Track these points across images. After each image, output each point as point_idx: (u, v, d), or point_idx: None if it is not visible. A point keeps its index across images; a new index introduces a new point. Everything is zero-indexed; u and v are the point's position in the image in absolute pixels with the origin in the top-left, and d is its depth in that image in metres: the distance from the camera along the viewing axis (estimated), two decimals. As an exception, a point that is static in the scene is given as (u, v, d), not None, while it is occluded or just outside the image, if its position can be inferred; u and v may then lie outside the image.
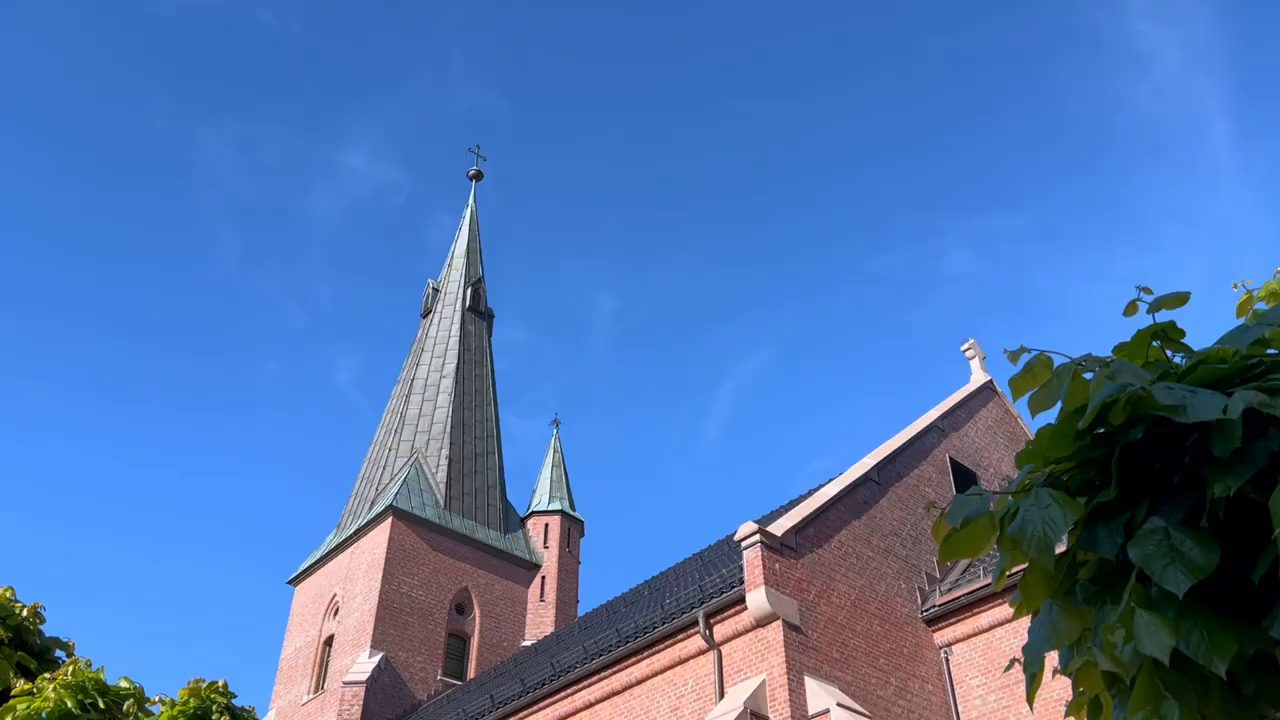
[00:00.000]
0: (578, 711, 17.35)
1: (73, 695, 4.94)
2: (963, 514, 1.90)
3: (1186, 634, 1.65)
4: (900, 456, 19.37)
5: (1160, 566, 1.68)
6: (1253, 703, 1.77)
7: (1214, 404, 1.70)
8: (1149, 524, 1.76)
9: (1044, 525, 1.82)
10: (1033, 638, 1.88)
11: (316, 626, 31.92)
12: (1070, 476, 1.96)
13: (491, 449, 36.82)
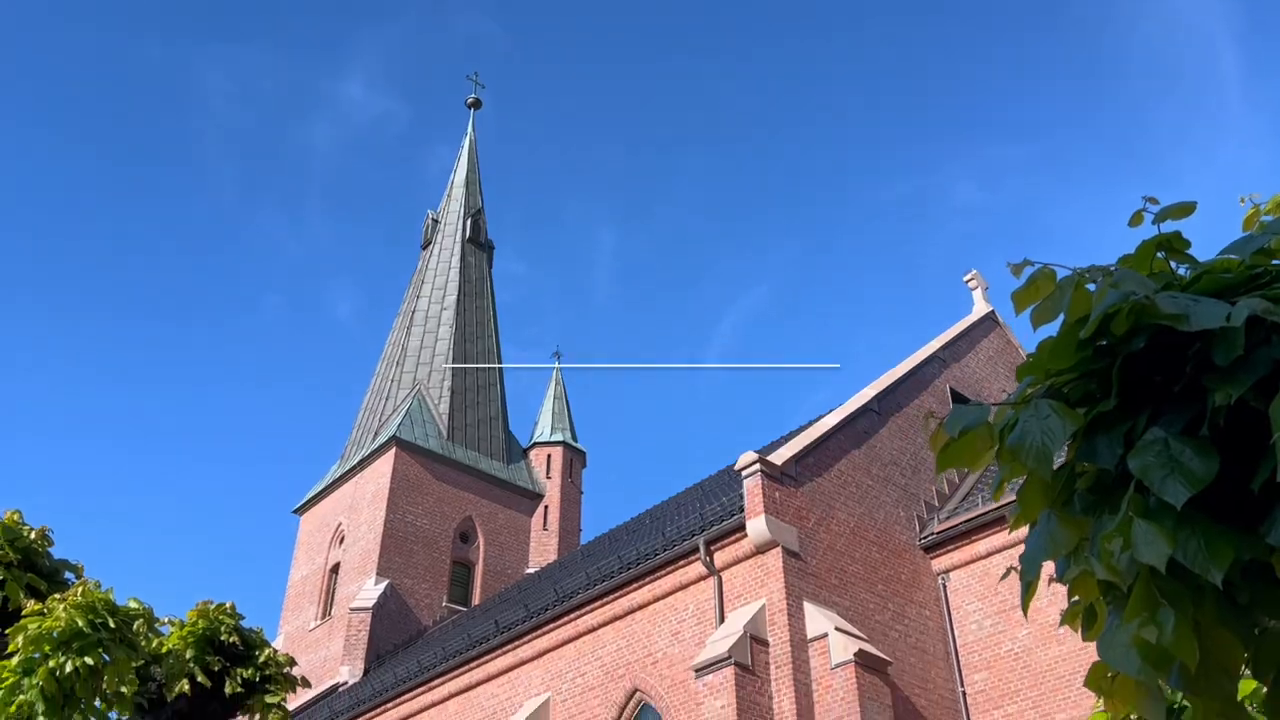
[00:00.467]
0: (581, 635, 17.67)
1: (83, 615, 5.02)
2: (961, 424, 1.90)
3: (1184, 543, 1.65)
4: (901, 387, 19.43)
5: (1159, 477, 1.68)
6: (1247, 611, 1.79)
7: (1217, 312, 1.68)
8: (1149, 434, 1.76)
9: (1043, 436, 1.82)
10: (1029, 547, 1.89)
11: (322, 554, 32.37)
12: (1070, 389, 1.95)
13: (493, 380, 36.95)
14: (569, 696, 17.32)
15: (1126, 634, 1.67)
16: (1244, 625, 1.77)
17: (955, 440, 1.90)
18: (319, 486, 34.55)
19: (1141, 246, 1.96)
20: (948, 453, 1.92)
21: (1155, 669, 1.65)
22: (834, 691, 13.80)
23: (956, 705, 15.96)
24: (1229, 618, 1.74)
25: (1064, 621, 2.12)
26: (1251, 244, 1.89)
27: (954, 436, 1.90)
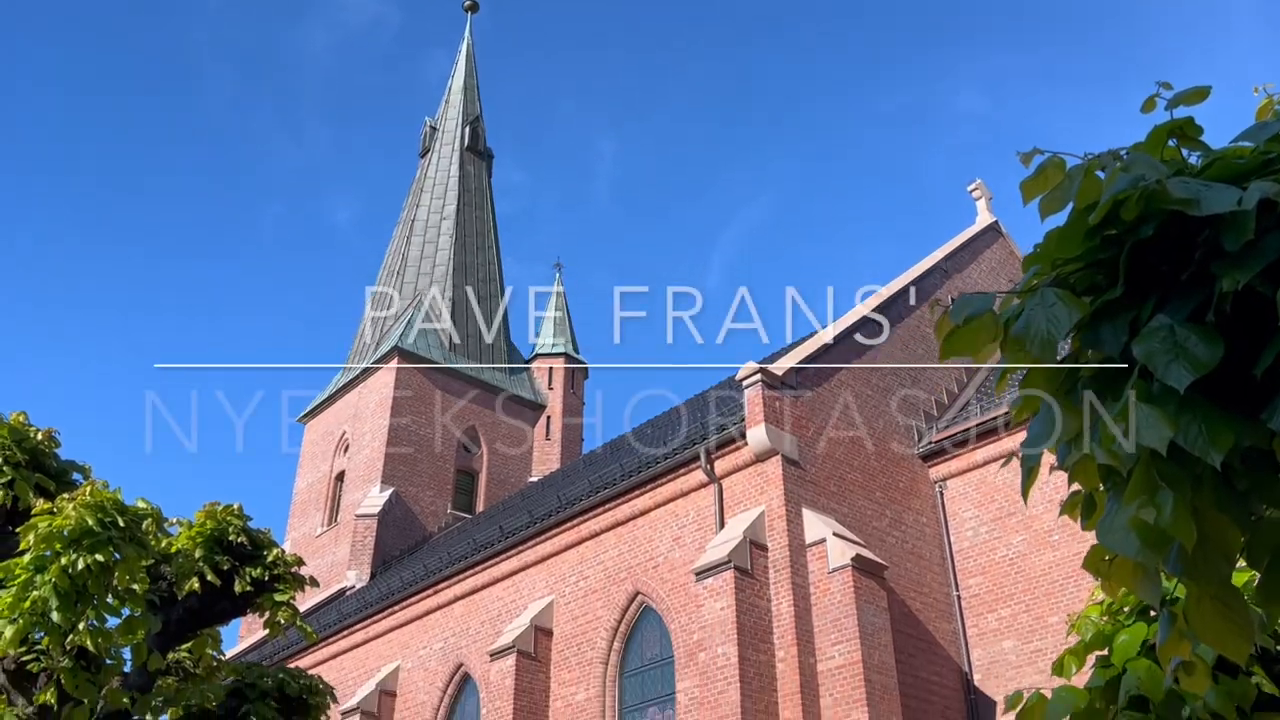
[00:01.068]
0: (583, 541, 17.98)
1: (92, 514, 5.09)
2: (966, 311, 1.89)
3: (1185, 427, 1.66)
4: (903, 297, 19.39)
5: (1163, 362, 1.68)
6: (1245, 498, 1.80)
7: (1228, 196, 1.66)
8: (1154, 321, 1.75)
9: (1048, 323, 1.81)
10: (1031, 433, 1.90)
11: (327, 462, 32.75)
12: (1077, 279, 1.94)
13: (495, 291, 36.89)
14: (572, 599, 17.69)
15: (1125, 516, 1.68)
16: (1241, 512, 1.79)
17: (960, 328, 1.89)
18: (322, 395, 34.76)
19: (1153, 132, 1.92)
20: (951, 341, 1.91)
21: (1153, 551, 1.67)
22: (831, 595, 14.09)
23: (951, 608, 16.31)
24: (1227, 503, 1.76)
25: (1063, 511, 2.14)
26: (1265, 130, 1.85)
27: (958, 324, 1.89)
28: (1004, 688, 15.09)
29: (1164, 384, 1.71)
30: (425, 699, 19.81)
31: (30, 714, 5.25)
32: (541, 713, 16.96)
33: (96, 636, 5.13)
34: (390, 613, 21.70)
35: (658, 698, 15.80)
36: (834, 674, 13.55)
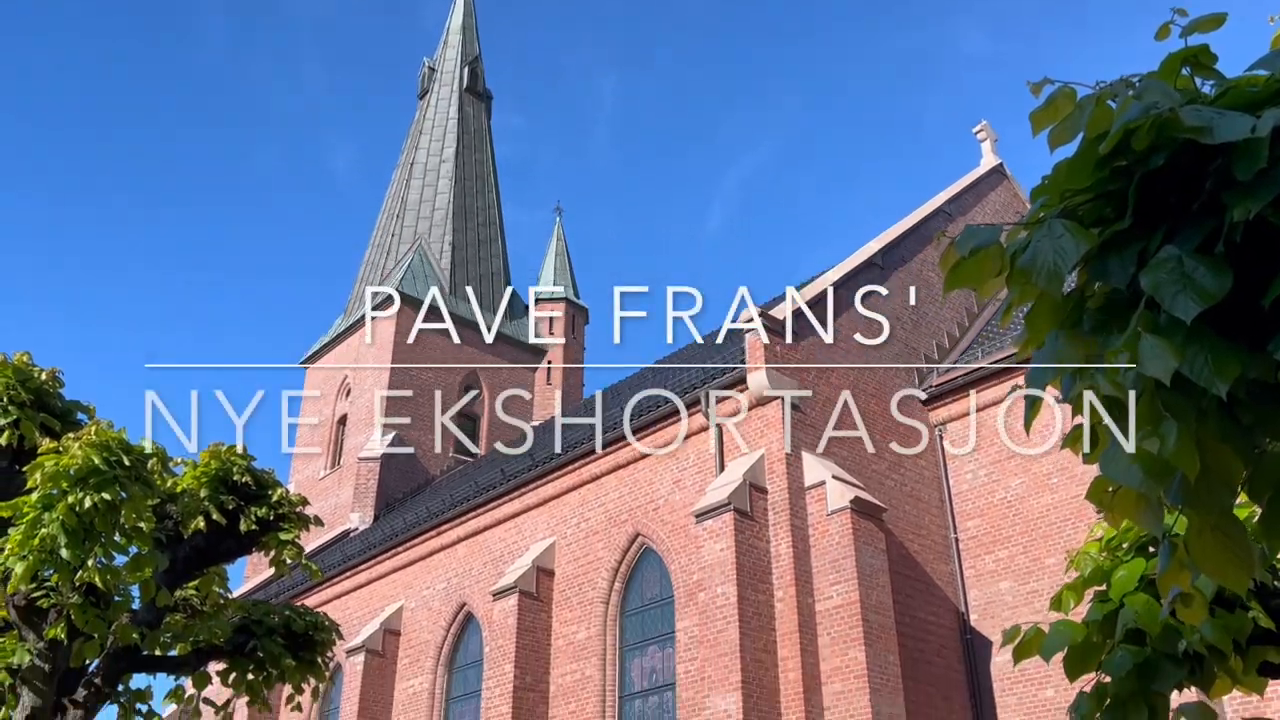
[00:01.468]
0: (585, 484, 18.10)
1: (98, 453, 5.12)
2: (972, 242, 1.88)
3: (1191, 358, 1.66)
4: (905, 241, 19.30)
5: (1171, 293, 1.67)
6: (1248, 431, 1.81)
7: (1242, 124, 1.64)
8: (1162, 252, 1.74)
9: (1055, 255, 1.80)
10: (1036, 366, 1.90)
11: (330, 406, 32.86)
12: (1085, 211, 1.92)
13: (495, 235, 36.72)
14: (573, 540, 17.87)
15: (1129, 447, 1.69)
16: (1245, 444, 1.79)
17: (965, 259, 1.88)
18: (324, 340, 34.78)
19: (1166, 61, 1.89)
20: (957, 272, 1.90)
21: (1155, 481, 1.68)
22: (830, 536, 14.22)
23: (949, 550, 16.48)
24: (1231, 435, 1.76)
25: (1065, 444, 2.15)
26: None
27: (964, 256, 1.88)
28: (1000, 627, 15.29)
29: (1171, 315, 1.70)
30: (429, 637, 20.11)
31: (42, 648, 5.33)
32: (543, 651, 17.22)
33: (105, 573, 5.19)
34: (394, 553, 21.94)
35: (658, 636, 16.03)
36: (832, 614, 13.73)
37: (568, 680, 16.74)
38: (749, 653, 13.46)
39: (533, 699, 16.73)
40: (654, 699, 15.72)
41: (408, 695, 20.01)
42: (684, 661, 15.11)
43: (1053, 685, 14.42)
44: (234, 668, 6.37)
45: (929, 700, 14.82)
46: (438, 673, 19.70)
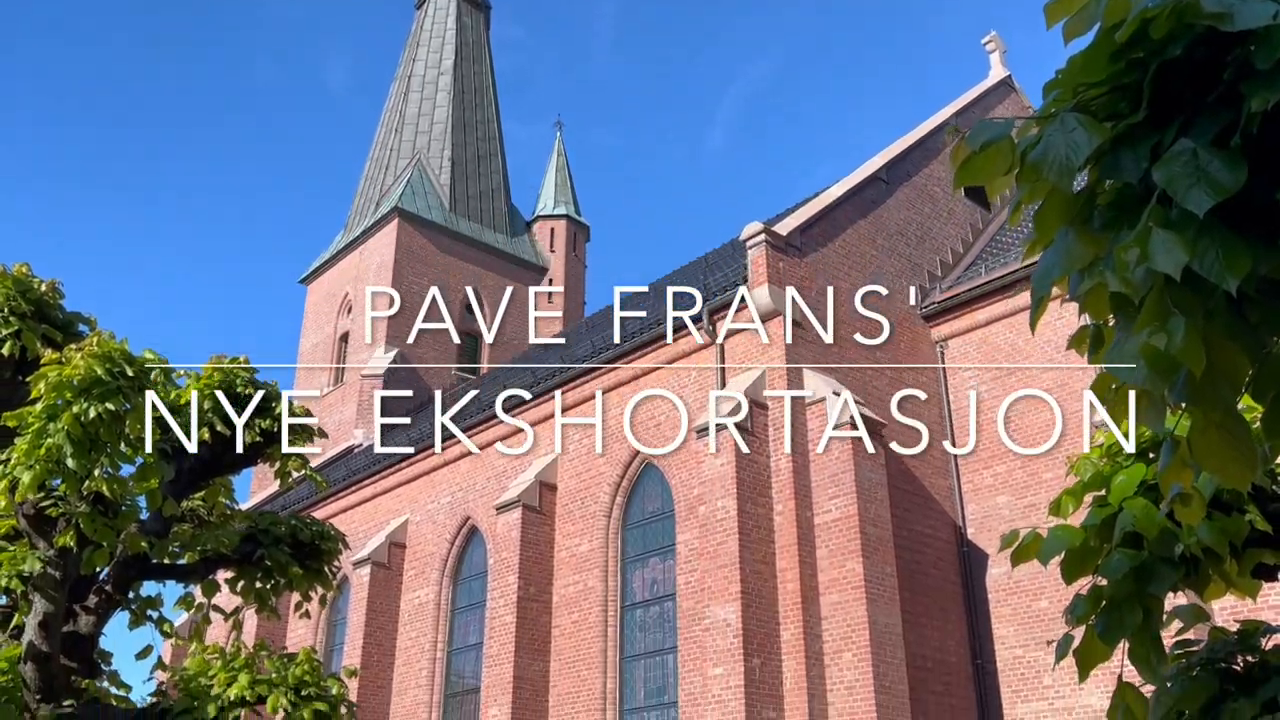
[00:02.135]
0: (586, 401, 18.20)
1: (101, 364, 5.12)
2: (983, 137, 1.84)
3: (1202, 252, 1.63)
4: (910, 155, 19.08)
5: (1184, 186, 1.64)
6: (1255, 330, 1.79)
7: (1263, 11, 1.59)
8: (1177, 145, 1.70)
9: (1067, 149, 1.76)
10: (1043, 263, 1.87)
11: (331, 324, 32.89)
12: (1099, 105, 1.88)
13: (494, 150, 36.27)
14: (575, 457, 18.04)
15: (1135, 343, 1.68)
16: (1251, 343, 1.78)
17: (976, 154, 1.84)
18: (324, 257, 34.64)
19: (1188, -53, 1.82)
20: (967, 168, 1.86)
21: (1160, 377, 1.67)
22: (830, 452, 14.34)
23: (948, 466, 16.64)
24: (1238, 333, 1.75)
25: (1070, 345, 2.14)
26: (1306, -55, 1.76)
27: (975, 150, 1.84)
28: (996, 541, 15.51)
29: (1183, 210, 1.67)
30: (434, 550, 20.45)
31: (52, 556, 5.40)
32: (547, 563, 17.52)
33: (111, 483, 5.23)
34: (398, 470, 22.17)
35: (658, 549, 16.29)
36: (830, 527, 13.92)
37: (570, 591, 17.07)
38: (748, 564, 13.68)
39: (536, 609, 17.08)
40: (655, 609, 16.04)
41: (414, 606, 20.42)
42: (684, 573, 15.38)
43: (1046, 596, 14.70)
44: (242, 576, 6.46)
45: (925, 610, 15.12)
46: (443, 584, 20.08)
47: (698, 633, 14.56)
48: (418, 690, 19.48)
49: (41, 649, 5.39)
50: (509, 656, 16.54)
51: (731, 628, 13.32)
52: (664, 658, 15.57)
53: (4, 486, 5.01)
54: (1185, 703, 2.97)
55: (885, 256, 17.61)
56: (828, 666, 13.30)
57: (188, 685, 5.71)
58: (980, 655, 15.33)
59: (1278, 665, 2.94)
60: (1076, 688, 14.04)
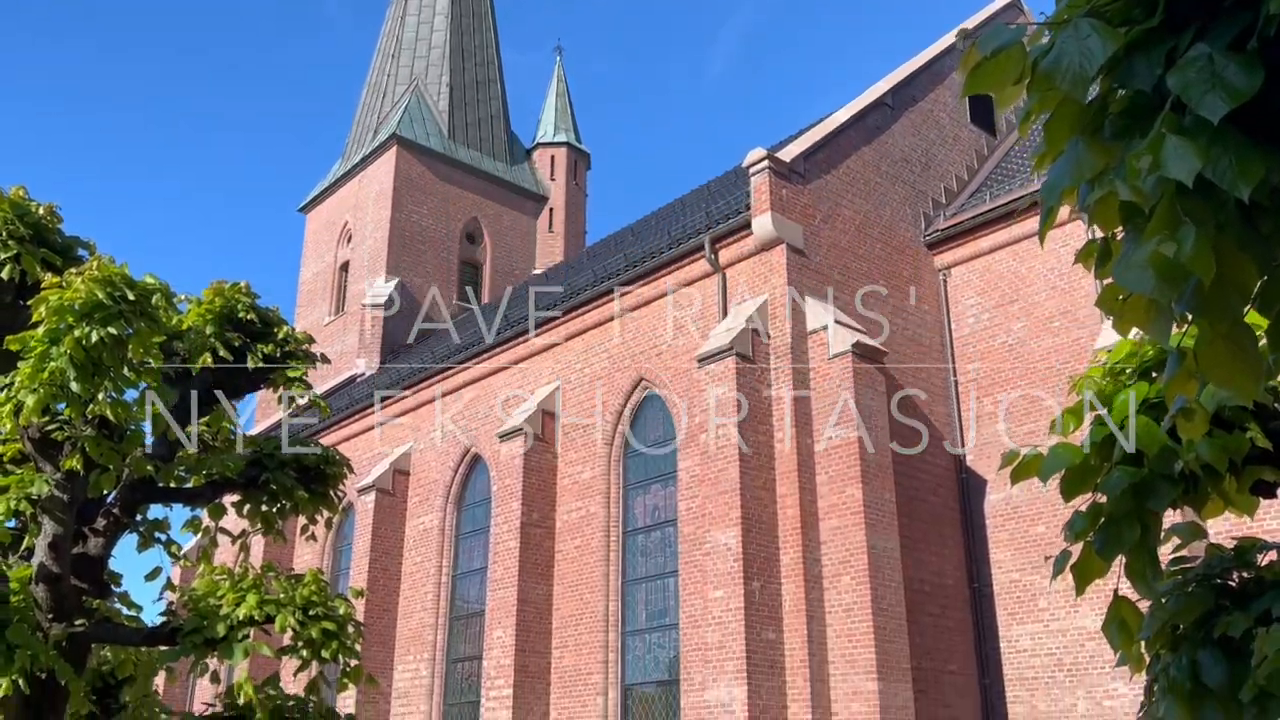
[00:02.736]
0: (588, 329, 18.20)
1: (101, 288, 5.10)
2: (995, 43, 1.80)
3: (1215, 159, 1.61)
4: (916, 80, 18.78)
5: (1199, 92, 1.61)
6: (1266, 241, 1.78)
7: (1287, -92, 1.55)
8: (1192, 51, 1.67)
9: (1080, 56, 1.72)
10: (1053, 174, 1.85)
11: (331, 253, 32.75)
12: (1113, 11, 1.84)
13: (493, 76, 35.71)
14: (577, 385, 18.11)
15: (1144, 252, 1.66)
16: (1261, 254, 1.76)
17: (986, 60, 1.81)
18: (323, 185, 34.34)
19: None
20: (977, 75, 1.83)
21: (1168, 287, 1.66)
22: (830, 380, 14.38)
23: (949, 393, 16.69)
24: (1248, 244, 1.73)
25: (1078, 259, 2.12)
26: None
27: (986, 56, 1.80)
28: (996, 467, 15.64)
29: (1197, 117, 1.65)
30: (438, 477, 20.64)
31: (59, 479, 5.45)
32: (549, 490, 17.70)
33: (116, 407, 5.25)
34: (400, 399, 22.27)
35: (660, 476, 16.44)
36: (830, 453, 14.02)
37: (573, 517, 17.27)
38: (749, 491, 13.82)
39: (539, 534, 17.30)
40: (656, 534, 16.25)
41: (418, 532, 20.69)
42: (685, 499, 15.54)
43: (1044, 521, 14.87)
44: (248, 500, 6.53)
45: (924, 535, 15.31)
46: (447, 510, 20.31)
47: (698, 557, 14.77)
48: (423, 613, 19.83)
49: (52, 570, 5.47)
50: (513, 580, 16.81)
51: (732, 552, 13.50)
52: (665, 581, 15.82)
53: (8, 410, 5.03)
54: (1180, 617, 3.01)
55: (889, 184, 17.45)
56: (826, 589, 13.51)
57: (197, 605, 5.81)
58: (977, 579, 15.57)
59: (1273, 580, 2.97)
60: (1071, 610, 14.29)
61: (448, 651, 19.38)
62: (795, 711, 13.02)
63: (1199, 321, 1.76)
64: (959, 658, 15.15)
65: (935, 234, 17.31)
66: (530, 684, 16.35)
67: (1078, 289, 15.38)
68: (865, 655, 12.88)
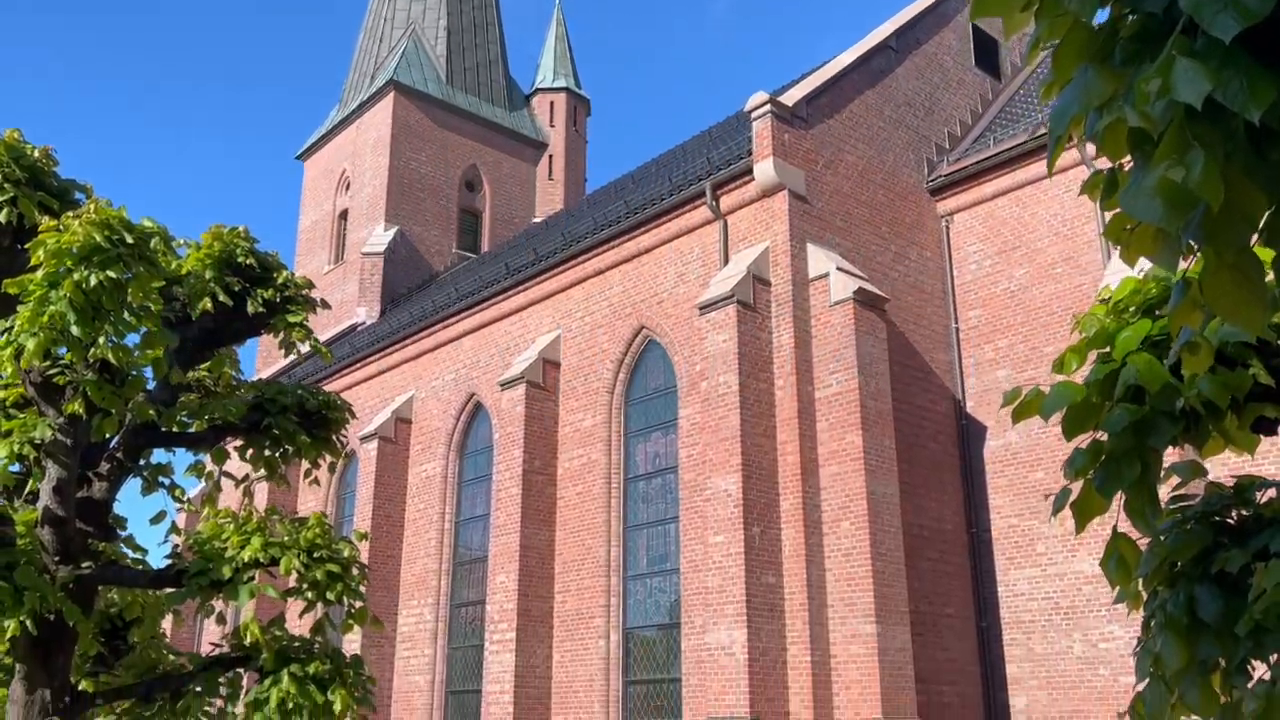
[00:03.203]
0: (588, 278, 18.15)
1: (100, 231, 5.07)
2: (1004, -35, 1.76)
3: (1225, 81, 1.58)
4: (921, 23, 18.52)
5: (1211, 12, 1.58)
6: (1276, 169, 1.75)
7: None
8: (1205, -30, 1.63)
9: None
10: (1061, 101, 1.82)
11: (330, 201, 32.56)
12: (1124, -67, 1.80)
13: (491, 20, 35.22)
14: (578, 334, 18.10)
15: (1152, 179, 1.64)
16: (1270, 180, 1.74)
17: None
18: (320, 131, 34.03)
19: None
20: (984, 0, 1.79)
21: (1176, 214, 1.64)
22: (832, 327, 14.37)
23: (949, 340, 16.69)
24: (1257, 171, 1.71)
25: (1083, 191, 2.10)
26: None
27: (996, -27, 1.77)
28: (995, 412, 15.69)
29: (1208, 39, 1.62)
30: (439, 425, 20.72)
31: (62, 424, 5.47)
32: (551, 437, 17.77)
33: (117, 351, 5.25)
34: (401, 346, 22.28)
35: (661, 423, 16.49)
36: (831, 401, 14.05)
37: (574, 464, 17.36)
38: (749, 438, 13.87)
39: (541, 481, 17.41)
40: (657, 481, 16.34)
41: (421, 479, 20.82)
42: (686, 446, 15.61)
43: (1043, 468, 14.95)
44: (250, 444, 6.55)
45: (923, 481, 15.40)
46: (449, 458, 20.41)
47: (699, 503, 14.87)
48: (427, 559, 20.02)
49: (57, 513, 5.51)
50: (515, 526, 16.95)
51: (732, 498, 13.59)
52: (666, 527, 15.94)
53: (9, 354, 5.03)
54: (1178, 554, 3.03)
55: (892, 128, 17.28)
56: (826, 534, 13.62)
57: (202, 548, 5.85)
58: (976, 524, 15.69)
59: (1272, 517, 2.98)
60: (1069, 554, 14.42)
61: (451, 596, 19.60)
62: (795, 653, 13.20)
63: (1205, 251, 1.75)
64: (957, 602, 15.32)
65: (938, 180, 17.18)
66: (533, 627, 16.56)
67: (1080, 235, 15.30)
68: (864, 599, 13.02)
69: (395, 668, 19.84)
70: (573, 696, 16.11)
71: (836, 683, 13.04)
